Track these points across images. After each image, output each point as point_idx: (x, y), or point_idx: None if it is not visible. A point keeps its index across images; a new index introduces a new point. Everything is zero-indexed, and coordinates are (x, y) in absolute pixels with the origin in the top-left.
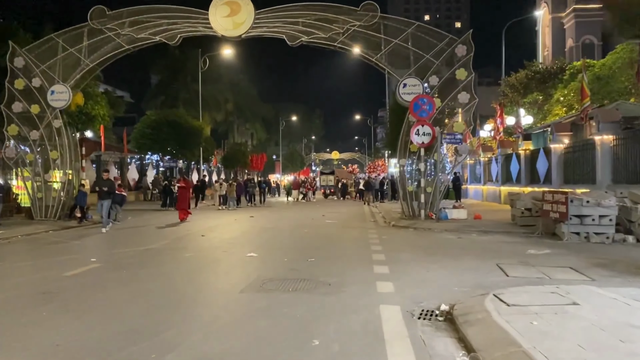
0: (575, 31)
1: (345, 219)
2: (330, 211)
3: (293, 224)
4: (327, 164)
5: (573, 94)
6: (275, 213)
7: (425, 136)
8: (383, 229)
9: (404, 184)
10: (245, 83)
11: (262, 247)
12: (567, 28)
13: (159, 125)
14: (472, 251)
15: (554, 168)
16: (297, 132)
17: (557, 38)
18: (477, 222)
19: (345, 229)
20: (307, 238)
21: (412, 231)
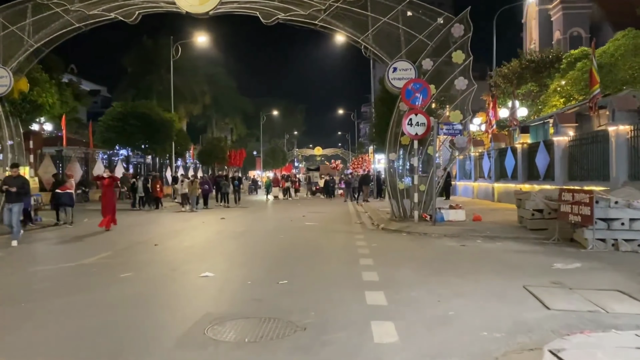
0: (563, 23)
1: (328, 221)
2: (312, 211)
3: (268, 228)
4: (310, 160)
5: (572, 83)
6: (251, 214)
7: (419, 127)
8: (371, 233)
9: (393, 181)
10: (223, 76)
11: (223, 262)
12: (555, 20)
13: (126, 118)
14: (486, 266)
15: (557, 163)
16: (279, 127)
17: (544, 30)
18: (478, 225)
19: (328, 233)
20: (282, 247)
21: (405, 236)
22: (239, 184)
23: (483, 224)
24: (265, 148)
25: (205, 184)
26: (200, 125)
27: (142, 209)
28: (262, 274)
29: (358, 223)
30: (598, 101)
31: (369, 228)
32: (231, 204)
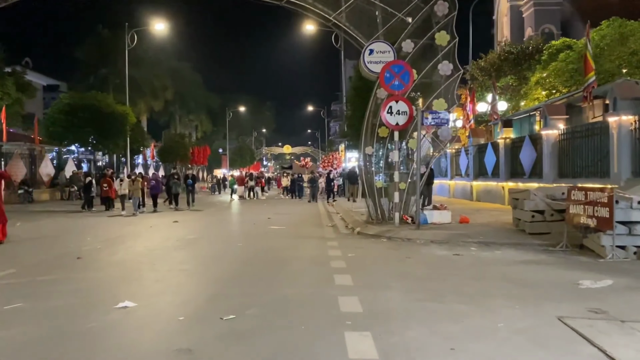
0: (535, 20)
1: (296, 224)
2: (279, 212)
3: (225, 234)
4: (279, 158)
5: (555, 75)
6: (209, 217)
7: (400, 116)
8: (346, 239)
9: (370, 178)
10: (188, 71)
11: (155, 284)
12: (526, 17)
13: (74, 110)
14: (494, 284)
15: (546, 159)
16: (247, 124)
17: (515, 27)
18: (467, 229)
19: (295, 240)
20: (238, 261)
21: (386, 243)
22: (192, 184)
23: (472, 227)
24: (233, 146)
25: (154, 183)
26: (164, 122)
27: (86, 210)
28: (202, 304)
29: (330, 226)
30: (592, 90)
31: (342, 232)
32: (183, 206)
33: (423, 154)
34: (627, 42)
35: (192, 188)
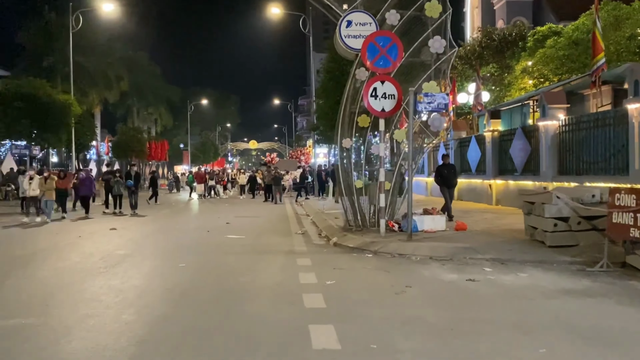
0: (506, 12)
1: (259, 231)
2: (241, 215)
3: (168, 247)
4: (245, 154)
5: (544, 63)
6: (155, 222)
7: (386, 100)
8: (321, 253)
9: (348, 177)
10: (145, 61)
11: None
12: (497, 9)
13: (7, 99)
14: (559, 342)
15: (544, 153)
16: (211, 119)
17: (486, 19)
18: (469, 238)
19: (257, 255)
20: (170, 296)
21: (373, 261)
22: (134, 184)
23: (474, 236)
24: (196, 141)
25: (85, 183)
26: (120, 115)
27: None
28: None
29: (300, 234)
30: (601, 74)
31: (316, 243)
32: (128, 210)
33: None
34: (622, 27)
35: (135, 189)
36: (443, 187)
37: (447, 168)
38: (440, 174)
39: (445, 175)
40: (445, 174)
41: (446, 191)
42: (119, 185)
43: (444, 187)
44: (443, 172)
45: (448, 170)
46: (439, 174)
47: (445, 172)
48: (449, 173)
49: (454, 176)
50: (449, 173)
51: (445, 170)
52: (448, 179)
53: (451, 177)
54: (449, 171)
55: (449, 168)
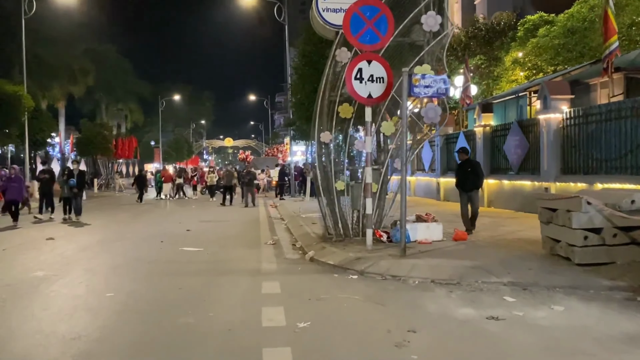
0: (487, 7)
1: (223, 241)
2: (207, 219)
3: (106, 263)
4: (221, 152)
5: (537, 53)
6: (107, 228)
7: (374, 83)
8: (294, 274)
9: (327, 177)
10: (114, 55)
11: None
12: (478, 4)
13: None
14: None
15: (546, 150)
16: (184, 116)
17: (467, 14)
18: (474, 252)
19: (213, 278)
20: (79, 343)
21: (360, 286)
22: (75, 184)
23: (476, 247)
24: (169, 139)
25: (13, 185)
26: (88, 111)
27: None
28: None
29: (271, 244)
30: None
31: (288, 258)
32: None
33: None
34: (622, 14)
35: (79, 192)
36: (460, 190)
37: (462, 166)
38: (456, 174)
39: (460, 176)
40: (461, 174)
41: (463, 197)
42: (67, 186)
43: (460, 190)
44: (458, 172)
45: (463, 169)
46: (457, 174)
47: (460, 171)
48: (463, 172)
49: (473, 176)
50: (464, 172)
51: (460, 169)
52: (462, 181)
53: (466, 178)
54: (464, 170)
55: (464, 166)
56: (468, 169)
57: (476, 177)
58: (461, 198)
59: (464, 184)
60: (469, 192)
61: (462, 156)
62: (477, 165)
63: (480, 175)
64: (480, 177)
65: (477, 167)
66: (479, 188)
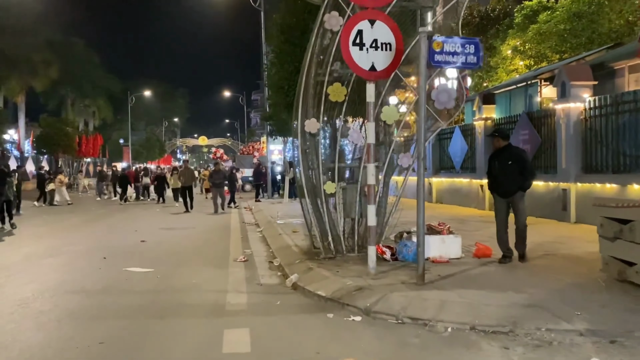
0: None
1: (181, 256)
2: (171, 225)
3: (10, 297)
4: (196, 151)
5: (539, 40)
6: (47, 238)
7: (378, 51)
8: (272, 316)
9: (312, 176)
10: (81, 48)
11: None
12: None
13: None
14: None
15: (564, 145)
16: (157, 113)
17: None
18: (512, 276)
19: (154, 323)
20: None
21: (368, 338)
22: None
23: (510, 269)
24: (140, 137)
25: None
26: (54, 107)
27: None
28: None
29: (242, 261)
30: None
31: (264, 284)
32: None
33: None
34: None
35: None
36: (494, 195)
37: (498, 158)
38: (489, 171)
39: (496, 172)
40: (497, 170)
41: (499, 204)
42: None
43: (495, 196)
44: (492, 167)
45: (500, 162)
46: (489, 171)
47: (496, 164)
48: (501, 167)
49: (517, 172)
50: (502, 166)
51: (494, 162)
52: (499, 180)
53: (506, 176)
54: (503, 163)
55: (501, 157)
56: (508, 161)
57: (522, 173)
58: (496, 207)
59: (502, 184)
60: (509, 197)
61: (498, 142)
62: (523, 155)
63: (528, 169)
64: (528, 173)
65: (523, 158)
66: (525, 190)
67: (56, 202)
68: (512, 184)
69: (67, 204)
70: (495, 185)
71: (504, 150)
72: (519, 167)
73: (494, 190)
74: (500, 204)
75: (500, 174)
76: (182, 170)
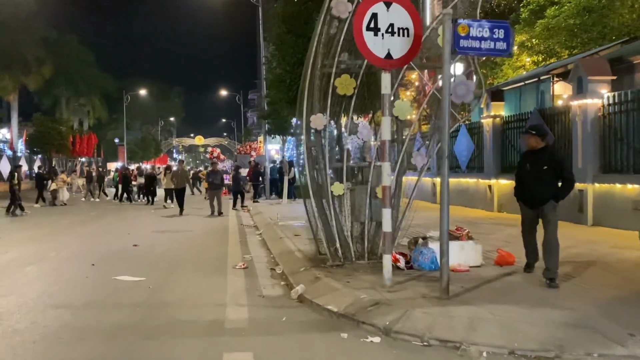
0: None
1: (176, 263)
2: (166, 228)
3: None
4: (192, 150)
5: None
6: (33, 241)
7: (397, 37)
8: (277, 335)
9: (319, 177)
10: (75, 45)
11: None
12: None
13: None
14: None
15: (581, 144)
16: (153, 113)
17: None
18: (544, 289)
19: (141, 342)
20: None
21: None
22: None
23: (541, 279)
24: (136, 136)
25: None
26: (48, 106)
27: None
28: None
29: (241, 268)
30: None
31: (266, 296)
32: None
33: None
34: None
35: None
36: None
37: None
38: (519, 174)
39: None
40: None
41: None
42: None
43: (521, 204)
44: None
45: (533, 165)
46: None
47: (527, 167)
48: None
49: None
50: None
51: (527, 163)
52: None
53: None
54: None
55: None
56: (543, 166)
57: (557, 180)
58: (523, 217)
59: (532, 190)
60: (538, 206)
61: (535, 141)
62: (563, 161)
63: (569, 179)
64: (568, 183)
65: (563, 165)
66: (559, 201)
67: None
68: (543, 192)
69: (52, 205)
70: (523, 192)
71: (539, 152)
72: (555, 174)
73: (520, 197)
74: (526, 212)
75: (529, 179)
76: (175, 171)
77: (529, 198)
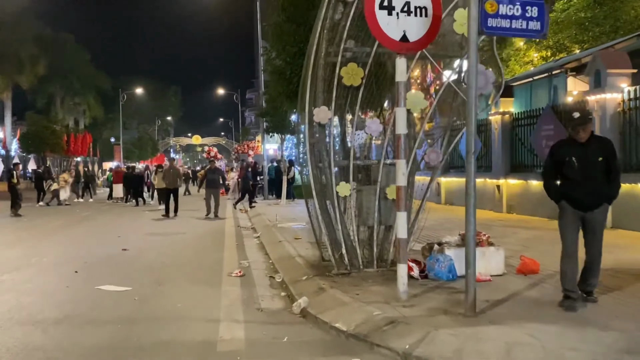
0: None
1: (166, 270)
2: (159, 230)
3: None
4: (190, 150)
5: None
6: (15, 245)
7: (413, 17)
8: (279, 356)
9: (323, 176)
10: (70, 43)
11: None
12: None
13: None
14: None
15: None
16: (149, 111)
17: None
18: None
19: None
20: None
21: None
22: None
23: None
24: (132, 136)
25: None
26: (42, 105)
27: None
28: None
29: (238, 276)
30: None
31: (265, 309)
32: None
33: None
34: None
35: None
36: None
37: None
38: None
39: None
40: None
41: (571, 217)
42: None
43: (566, 207)
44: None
45: (582, 158)
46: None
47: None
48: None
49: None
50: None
51: (572, 157)
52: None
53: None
54: (588, 159)
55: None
56: (598, 157)
57: (608, 175)
58: (565, 222)
59: (586, 189)
60: (590, 210)
61: (589, 128)
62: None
63: (617, 169)
64: (617, 175)
65: (615, 153)
66: (611, 201)
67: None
68: (599, 191)
69: (57, 204)
70: (573, 192)
71: (590, 143)
72: (607, 165)
73: (568, 198)
74: (572, 216)
75: (582, 176)
76: (166, 169)
77: (582, 197)
